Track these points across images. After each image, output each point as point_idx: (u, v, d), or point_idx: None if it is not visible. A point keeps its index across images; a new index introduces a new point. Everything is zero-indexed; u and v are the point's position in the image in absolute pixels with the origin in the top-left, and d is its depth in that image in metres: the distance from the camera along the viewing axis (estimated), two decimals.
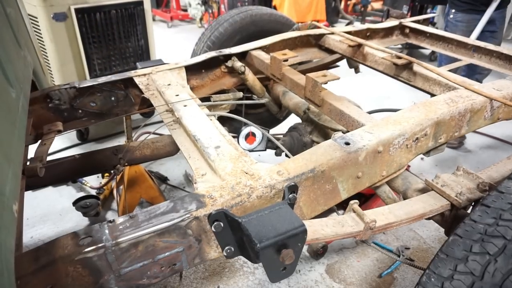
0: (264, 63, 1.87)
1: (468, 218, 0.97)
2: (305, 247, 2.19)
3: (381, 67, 1.88)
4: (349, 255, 2.23)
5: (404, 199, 1.48)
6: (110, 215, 2.51)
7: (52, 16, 2.62)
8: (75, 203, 2.30)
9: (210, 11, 6.15)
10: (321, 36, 2.24)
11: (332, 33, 2.19)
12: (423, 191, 1.40)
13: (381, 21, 8.26)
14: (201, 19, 7.56)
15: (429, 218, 1.31)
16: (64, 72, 2.85)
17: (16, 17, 1.57)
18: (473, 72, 3.39)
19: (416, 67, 1.70)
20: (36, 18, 2.64)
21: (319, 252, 2.14)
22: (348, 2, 9.18)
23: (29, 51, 1.67)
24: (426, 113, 1.30)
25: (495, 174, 1.47)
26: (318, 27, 2.26)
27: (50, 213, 2.51)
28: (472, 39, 2.18)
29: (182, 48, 6.15)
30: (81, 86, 1.69)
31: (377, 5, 9.45)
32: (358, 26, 2.39)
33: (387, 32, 2.52)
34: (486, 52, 2.09)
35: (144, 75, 1.79)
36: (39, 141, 1.42)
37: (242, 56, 2.03)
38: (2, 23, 1.26)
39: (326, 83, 1.48)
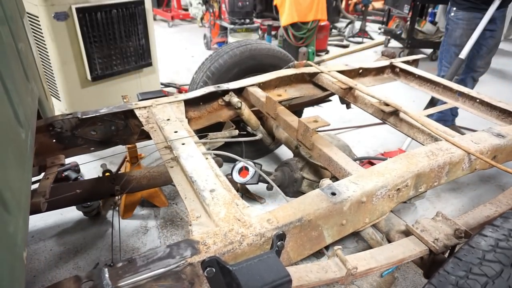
0: (260, 101, 1.97)
1: (442, 269, 1.06)
2: None
3: (370, 110, 1.98)
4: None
5: (387, 238, 1.58)
6: (110, 215, 2.46)
7: (53, 15, 2.62)
8: None
9: (211, 10, 6.16)
10: (315, 73, 2.35)
11: (324, 72, 2.30)
12: (405, 233, 1.49)
13: (382, 21, 8.11)
14: (202, 19, 7.54)
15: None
16: (65, 71, 2.84)
17: (25, 49, 1.64)
18: (470, 70, 3.48)
19: (402, 115, 1.81)
20: (37, 17, 2.64)
21: (320, 251, 2.17)
22: (349, 2, 9.24)
23: (35, 81, 1.74)
24: (408, 165, 1.40)
25: (471, 220, 1.57)
26: (312, 66, 2.37)
27: (51, 212, 2.45)
28: (456, 86, 2.29)
29: (183, 48, 6.17)
30: (83, 117, 1.76)
31: (378, 5, 9.57)
32: (351, 65, 2.51)
33: (379, 71, 2.64)
34: (469, 97, 2.21)
35: (145, 107, 1.87)
36: (42, 174, 1.48)
37: (239, 91, 2.13)
38: (15, 62, 1.33)
39: (317, 128, 1.57)
